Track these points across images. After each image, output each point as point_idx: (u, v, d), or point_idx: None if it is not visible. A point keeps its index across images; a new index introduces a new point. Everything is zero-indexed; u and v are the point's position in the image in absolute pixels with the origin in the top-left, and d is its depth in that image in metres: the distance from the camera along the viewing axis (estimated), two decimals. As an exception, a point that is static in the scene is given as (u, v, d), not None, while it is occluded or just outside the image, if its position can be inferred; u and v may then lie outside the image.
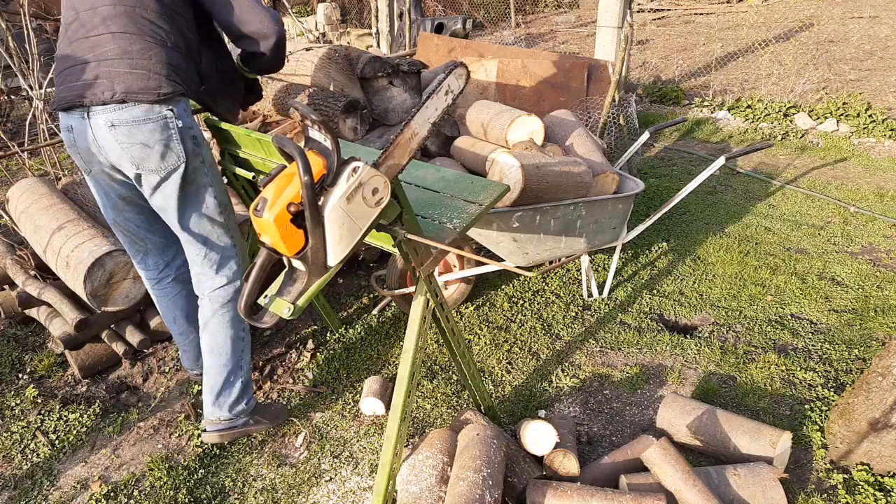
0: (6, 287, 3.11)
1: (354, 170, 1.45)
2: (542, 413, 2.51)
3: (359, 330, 3.04)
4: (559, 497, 1.89)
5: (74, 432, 2.47)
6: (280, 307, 1.53)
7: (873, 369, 2.12)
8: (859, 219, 4.08)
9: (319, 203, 1.43)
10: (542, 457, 2.08)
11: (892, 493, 2.05)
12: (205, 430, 2.24)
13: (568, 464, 2.05)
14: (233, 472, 2.29)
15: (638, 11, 10.99)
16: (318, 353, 2.88)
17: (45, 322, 2.83)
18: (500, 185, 1.97)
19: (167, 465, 2.29)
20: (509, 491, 2.00)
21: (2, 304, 3.02)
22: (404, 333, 1.88)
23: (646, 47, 9.33)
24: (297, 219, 1.42)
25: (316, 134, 1.48)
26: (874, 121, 5.60)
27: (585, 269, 3.16)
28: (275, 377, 2.74)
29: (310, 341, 2.95)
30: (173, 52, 1.91)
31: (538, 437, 2.07)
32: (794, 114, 6.02)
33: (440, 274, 3.03)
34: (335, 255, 1.48)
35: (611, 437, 2.38)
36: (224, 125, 2.26)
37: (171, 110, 1.88)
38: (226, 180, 2.44)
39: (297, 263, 1.52)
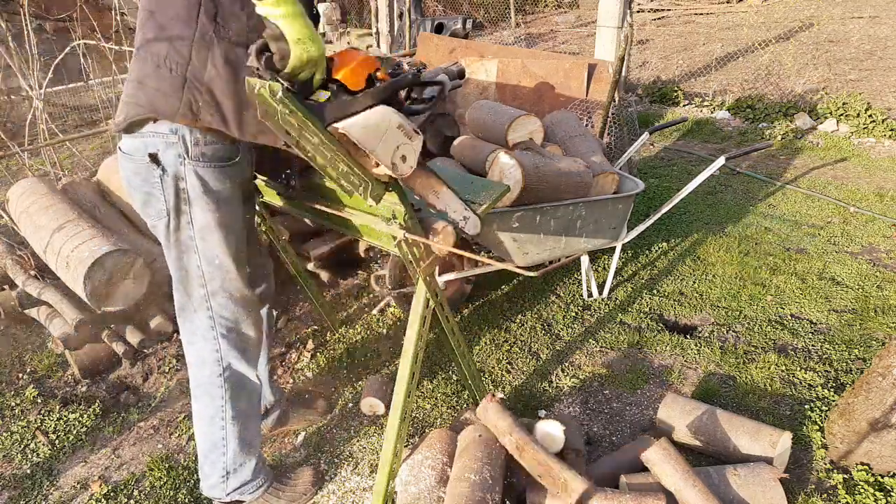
0: (6, 287, 3.11)
1: (417, 131, 1.52)
2: (541, 413, 2.51)
3: (359, 330, 3.04)
4: (559, 497, 1.89)
5: (74, 432, 2.47)
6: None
7: (873, 369, 2.12)
8: (859, 219, 4.08)
9: (385, 99, 1.49)
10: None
11: (892, 493, 2.05)
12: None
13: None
14: (233, 472, 2.28)
15: (638, 11, 10.99)
16: (318, 353, 2.88)
17: (45, 322, 2.83)
18: (500, 185, 1.97)
19: (167, 465, 2.29)
20: (509, 492, 2.00)
21: (2, 304, 3.02)
22: (404, 333, 1.88)
23: (646, 47, 9.33)
24: (370, 82, 1.48)
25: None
26: (874, 121, 5.60)
27: (585, 269, 3.16)
28: (275, 377, 2.75)
29: (310, 341, 2.95)
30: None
31: (546, 440, 2.06)
32: (794, 114, 6.02)
33: (440, 273, 3.03)
34: (350, 125, 1.43)
35: (611, 437, 2.38)
36: None
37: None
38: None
39: (322, 93, 1.45)
